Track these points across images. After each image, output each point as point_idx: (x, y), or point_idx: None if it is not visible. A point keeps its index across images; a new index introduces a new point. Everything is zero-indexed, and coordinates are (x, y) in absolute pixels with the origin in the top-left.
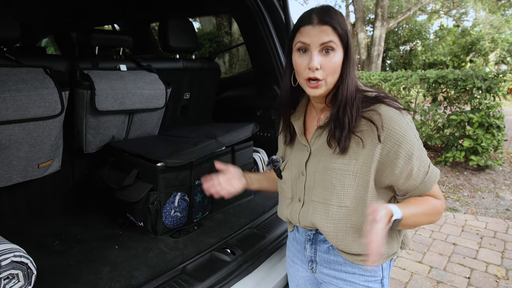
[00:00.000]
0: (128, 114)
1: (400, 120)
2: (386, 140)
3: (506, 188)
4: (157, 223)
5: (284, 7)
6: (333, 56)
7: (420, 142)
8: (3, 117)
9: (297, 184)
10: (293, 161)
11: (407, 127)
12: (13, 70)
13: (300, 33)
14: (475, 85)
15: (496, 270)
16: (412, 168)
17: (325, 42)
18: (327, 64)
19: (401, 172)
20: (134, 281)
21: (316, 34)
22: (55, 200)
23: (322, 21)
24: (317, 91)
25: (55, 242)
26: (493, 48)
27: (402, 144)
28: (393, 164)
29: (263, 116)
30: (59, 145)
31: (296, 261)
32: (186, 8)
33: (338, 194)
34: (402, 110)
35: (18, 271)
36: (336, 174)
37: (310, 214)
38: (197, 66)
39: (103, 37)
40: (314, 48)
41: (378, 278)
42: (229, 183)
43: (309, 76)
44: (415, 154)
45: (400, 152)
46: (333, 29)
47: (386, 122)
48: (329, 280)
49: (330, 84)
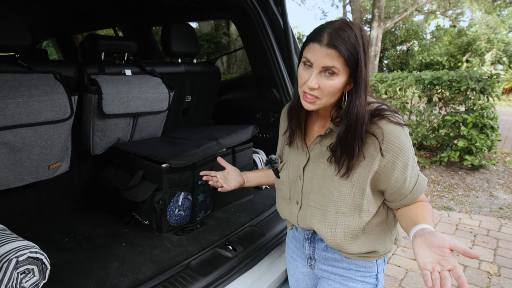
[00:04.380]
0: (133, 117)
1: (400, 133)
2: (385, 152)
3: (500, 187)
4: (162, 221)
5: (282, 12)
6: (333, 80)
7: (413, 152)
8: (16, 121)
9: (294, 187)
10: (291, 163)
11: (406, 139)
12: (25, 76)
13: (308, 49)
14: (469, 86)
15: (489, 267)
16: (406, 178)
17: (328, 67)
18: (326, 87)
19: (396, 182)
20: (142, 276)
21: (320, 56)
22: (64, 199)
23: (329, 44)
24: (311, 106)
25: (65, 239)
26: (489, 48)
27: (400, 156)
28: (390, 174)
29: (262, 118)
30: (68, 147)
31: (295, 258)
32: (186, 13)
33: (335, 202)
34: (403, 125)
35: (33, 266)
36: (334, 183)
37: (308, 218)
38: (198, 70)
39: (109, 43)
40: (316, 68)
41: (373, 273)
42: (225, 180)
43: (305, 91)
44: (409, 165)
45: (397, 163)
46: (339, 54)
47: (387, 136)
48: (327, 275)
49: (326, 104)
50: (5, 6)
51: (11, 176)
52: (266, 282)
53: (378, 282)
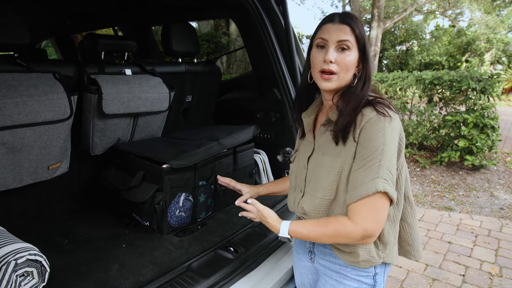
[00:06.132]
0: (133, 117)
1: (377, 124)
2: (359, 140)
3: (500, 187)
4: (163, 222)
5: (283, 11)
6: (348, 54)
7: (391, 146)
8: (15, 121)
9: (300, 176)
10: (300, 154)
11: (380, 132)
12: (24, 76)
13: (321, 30)
14: (470, 86)
15: (490, 268)
16: (358, 171)
17: (342, 40)
18: (342, 60)
19: (354, 172)
20: (142, 278)
21: (334, 31)
22: (63, 200)
23: (342, 21)
24: (329, 84)
25: (64, 241)
26: (488, 48)
27: (368, 147)
28: (355, 163)
29: (263, 118)
30: (68, 148)
31: (299, 252)
32: (186, 12)
33: (323, 188)
34: (386, 116)
35: (33, 268)
36: (325, 170)
37: (304, 204)
38: (198, 69)
39: (109, 42)
40: (331, 44)
41: (370, 274)
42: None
43: (323, 68)
44: (371, 161)
45: (362, 153)
46: (352, 29)
47: (364, 123)
48: (325, 271)
49: (342, 80)
50: (4, 5)
51: (10, 177)
52: (268, 284)
53: (375, 284)
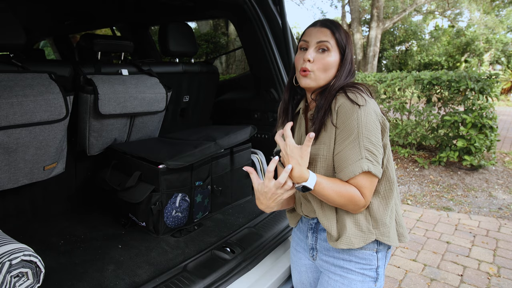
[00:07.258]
0: (130, 117)
1: (349, 108)
2: (337, 124)
3: (499, 187)
4: (159, 223)
5: (281, 12)
6: (327, 55)
7: (369, 131)
8: (10, 122)
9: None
10: None
11: (353, 114)
12: (20, 76)
13: (304, 34)
14: (468, 87)
15: (488, 268)
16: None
17: (322, 41)
18: (320, 60)
19: (337, 155)
20: (138, 278)
21: (315, 33)
22: (59, 201)
23: (323, 25)
24: (307, 80)
25: (60, 242)
26: (487, 49)
27: (344, 130)
28: (336, 146)
29: (260, 118)
30: (64, 148)
31: (299, 250)
32: (184, 12)
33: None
34: (355, 101)
35: (27, 269)
36: (312, 160)
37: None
38: (196, 69)
39: (105, 42)
40: (312, 45)
41: (373, 267)
42: None
43: (302, 66)
44: (351, 143)
45: (340, 135)
46: (332, 32)
47: (337, 108)
48: (328, 267)
49: (319, 80)
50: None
51: (5, 178)
52: (265, 284)
53: (378, 276)
